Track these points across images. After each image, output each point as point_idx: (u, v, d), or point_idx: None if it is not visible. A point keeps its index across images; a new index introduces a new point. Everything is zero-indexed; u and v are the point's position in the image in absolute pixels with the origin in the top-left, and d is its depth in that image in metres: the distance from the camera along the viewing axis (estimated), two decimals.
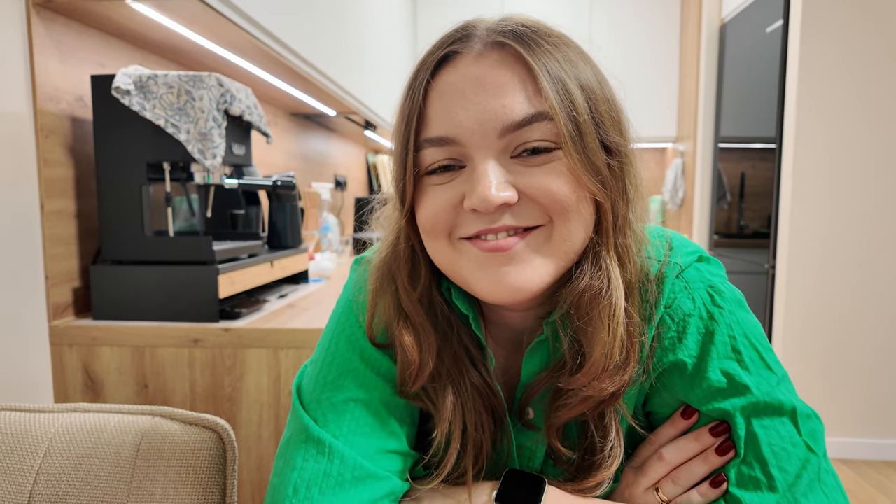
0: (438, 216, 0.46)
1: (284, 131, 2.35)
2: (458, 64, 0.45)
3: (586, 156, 0.43)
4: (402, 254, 0.50)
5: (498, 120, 0.43)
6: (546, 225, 0.45)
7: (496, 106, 0.43)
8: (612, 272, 0.46)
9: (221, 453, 0.58)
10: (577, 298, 0.46)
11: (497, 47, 0.44)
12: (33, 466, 0.58)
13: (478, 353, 0.52)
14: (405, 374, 0.49)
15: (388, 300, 0.51)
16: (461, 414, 0.50)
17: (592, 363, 0.45)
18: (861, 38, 2.25)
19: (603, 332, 0.45)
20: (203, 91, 1.16)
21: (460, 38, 0.46)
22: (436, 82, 0.45)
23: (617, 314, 0.45)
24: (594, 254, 0.46)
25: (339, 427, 0.49)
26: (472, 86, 0.43)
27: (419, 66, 0.47)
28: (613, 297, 0.45)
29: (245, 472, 1.18)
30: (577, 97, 0.43)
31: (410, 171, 0.46)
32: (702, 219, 3.44)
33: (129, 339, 1.16)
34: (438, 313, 0.51)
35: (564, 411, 0.48)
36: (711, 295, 0.49)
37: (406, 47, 3.59)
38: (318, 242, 2.34)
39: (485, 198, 0.42)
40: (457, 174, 0.45)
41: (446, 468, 0.49)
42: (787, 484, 0.45)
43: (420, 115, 0.45)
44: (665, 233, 0.53)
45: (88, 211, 1.26)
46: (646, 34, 3.84)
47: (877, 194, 2.30)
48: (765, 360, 0.48)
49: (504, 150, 0.44)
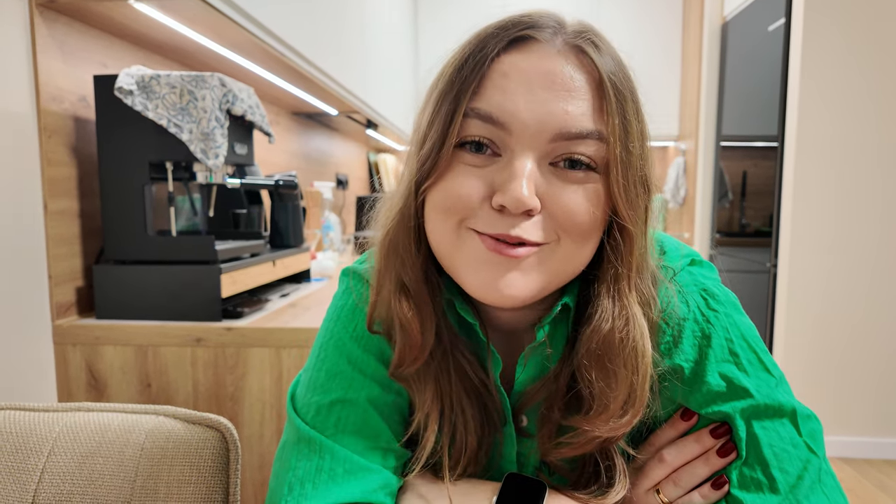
0: (460, 199, 0.43)
1: (286, 130, 2.35)
2: (533, 51, 0.42)
3: (630, 185, 0.43)
4: (409, 229, 0.47)
5: (556, 124, 0.41)
6: (552, 243, 0.44)
7: (559, 109, 0.41)
8: (635, 311, 0.45)
9: (225, 452, 0.59)
10: (603, 341, 0.44)
11: (576, 51, 0.43)
12: (38, 465, 0.58)
13: (473, 352, 0.52)
14: (404, 353, 0.49)
15: (391, 277, 0.49)
16: (440, 398, 0.50)
17: (607, 406, 0.44)
18: (863, 36, 2.24)
19: (624, 376, 0.44)
20: (205, 91, 1.16)
21: (536, 25, 0.43)
22: (502, 59, 0.43)
23: (646, 357, 0.44)
24: (617, 290, 0.45)
25: (328, 426, 0.50)
26: (541, 79, 0.41)
27: (487, 35, 0.43)
28: (638, 339, 0.44)
29: (247, 470, 1.18)
30: (634, 127, 0.43)
31: (452, 141, 0.43)
32: (703, 217, 3.44)
33: (132, 338, 1.17)
34: (436, 294, 0.50)
35: (567, 449, 0.47)
36: (705, 298, 0.49)
37: (407, 46, 3.58)
38: (320, 241, 2.35)
39: (518, 198, 0.40)
40: (490, 161, 0.43)
41: (424, 452, 0.49)
42: (789, 486, 0.45)
43: (477, 86, 0.43)
44: (658, 236, 0.53)
45: (91, 211, 1.27)
46: (648, 32, 3.83)
47: (879, 193, 2.29)
48: (763, 362, 0.48)
49: (547, 154, 0.42)
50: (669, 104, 3.88)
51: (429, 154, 0.44)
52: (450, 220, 0.44)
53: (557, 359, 0.49)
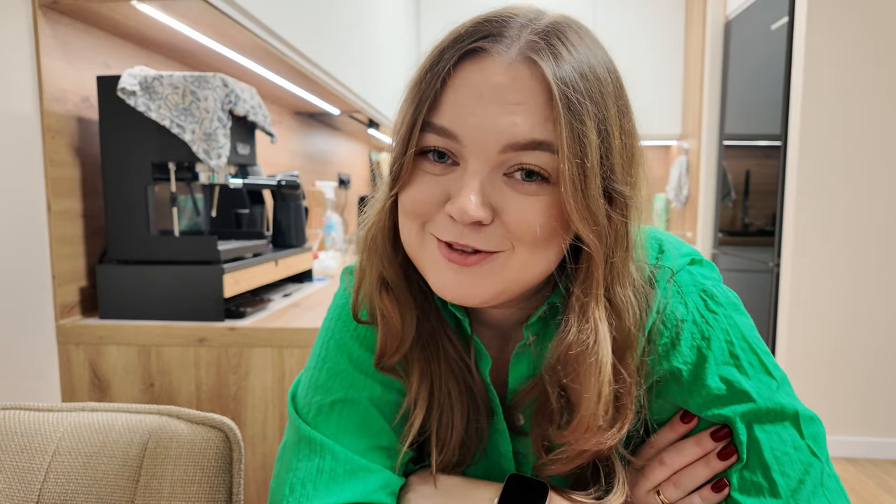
0: (419, 205, 0.45)
1: (288, 130, 2.35)
2: (484, 65, 0.42)
3: (585, 202, 0.42)
4: (386, 228, 0.50)
5: (503, 135, 0.41)
6: (507, 251, 0.44)
7: (506, 123, 0.41)
8: (599, 327, 0.44)
9: (228, 452, 0.59)
10: (564, 354, 0.44)
11: (529, 62, 0.42)
12: (43, 465, 0.59)
13: (460, 340, 0.52)
14: (386, 343, 0.50)
15: (372, 271, 0.51)
16: (429, 381, 0.50)
17: (580, 419, 0.44)
18: (866, 35, 2.23)
19: (588, 391, 0.44)
20: (208, 91, 1.16)
21: (493, 36, 0.43)
22: (456, 74, 0.43)
23: (603, 372, 0.43)
24: (580, 306, 0.44)
25: (329, 426, 0.50)
26: (490, 93, 0.42)
27: (442, 49, 0.44)
28: (600, 354, 0.43)
29: (250, 470, 1.18)
30: (591, 140, 0.41)
31: (412, 151, 0.45)
32: (706, 217, 3.44)
33: (136, 338, 1.17)
34: (415, 288, 0.51)
35: (558, 465, 0.47)
36: (704, 299, 0.48)
37: (409, 45, 3.59)
38: (322, 241, 2.35)
39: (464, 210, 0.42)
40: (449, 169, 0.44)
41: (411, 431, 0.50)
42: (791, 489, 0.45)
43: (433, 100, 0.44)
44: (657, 235, 0.53)
45: (95, 211, 1.27)
46: (650, 31, 3.82)
47: (882, 192, 2.29)
48: (764, 364, 0.47)
49: (500, 165, 0.43)
50: (672, 103, 3.87)
51: (396, 160, 0.46)
52: (414, 222, 0.46)
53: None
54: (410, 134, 0.44)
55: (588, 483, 0.49)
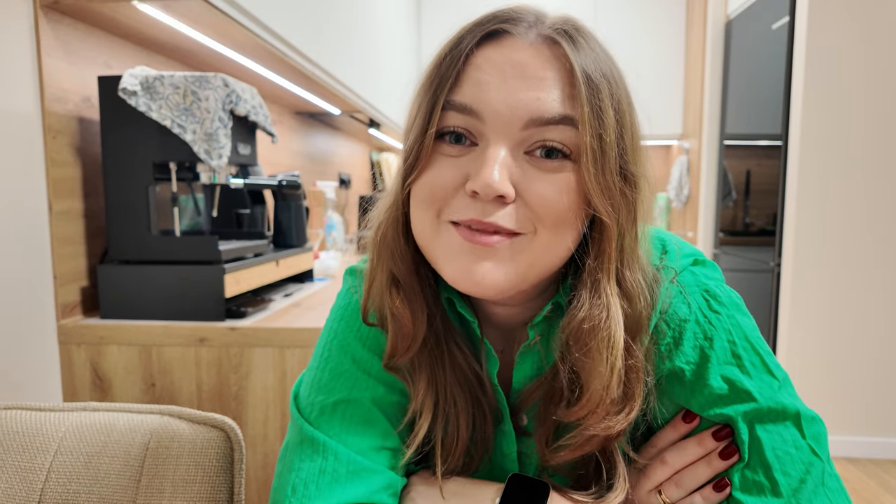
0: (437, 189, 0.44)
1: (289, 130, 2.35)
2: (505, 44, 0.44)
3: (603, 175, 0.43)
4: (398, 223, 0.49)
5: (527, 111, 0.42)
6: (529, 234, 0.44)
7: (530, 97, 0.42)
8: (612, 302, 0.44)
9: (229, 452, 0.59)
10: (577, 329, 0.45)
11: (549, 42, 0.43)
12: (44, 465, 0.59)
13: (467, 344, 0.52)
14: (396, 343, 0.49)
15: (382, 271, 0.50)
16: (434, 388, 0.50)
17: (590, 396, 0.44)
18: (867, 34, 2.23)
19: (601, 365, 0.44)
20: (209, 91, 1.16)
21: (512, 20, 0.44)
22: (477, 53, 0.44)
23: (616, 346, 0.44)
24: (593, 281, 0.45)
25: (332, 427, 0.50)
26: (512, 69, 0.43)
27: (464, 32, 0.45)
28: (612, 329, 0.44)
29: (251, 470, 1.19)
30: (609, 117, 0.43)
31: (433, 130, 0.44)
32: (707, 216, 3.43)
33: (137, 338, 1.17)
34: (427, 286, 0.51)
35: (566, 451, 0.47)
36: (707, 299, 0.48)
37: (410, 45, 3.59)
38: (323, 241, 2.35)
39: (488, 183, 0.41)
40: (467, 151, 0.44)
41: (416, 439, 0.50)
42: (792, 489, 0.45)
43: (455, 80, 0.44)
44: (661, 235, 0.53)
45: (96, 211, 1.27)
46: (651, 31, 3.82)
47: (883, 192, 2.29)
48: (766, 364, 0.48)
49: (521, 142, 0.43)
50: (673, 103, 3.87)
51: (412, 147, 0.46)
52: (429, 211, 0.45)
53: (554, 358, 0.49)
54: (430, 114, 0.44)
55: (590, 484, 0.49)
